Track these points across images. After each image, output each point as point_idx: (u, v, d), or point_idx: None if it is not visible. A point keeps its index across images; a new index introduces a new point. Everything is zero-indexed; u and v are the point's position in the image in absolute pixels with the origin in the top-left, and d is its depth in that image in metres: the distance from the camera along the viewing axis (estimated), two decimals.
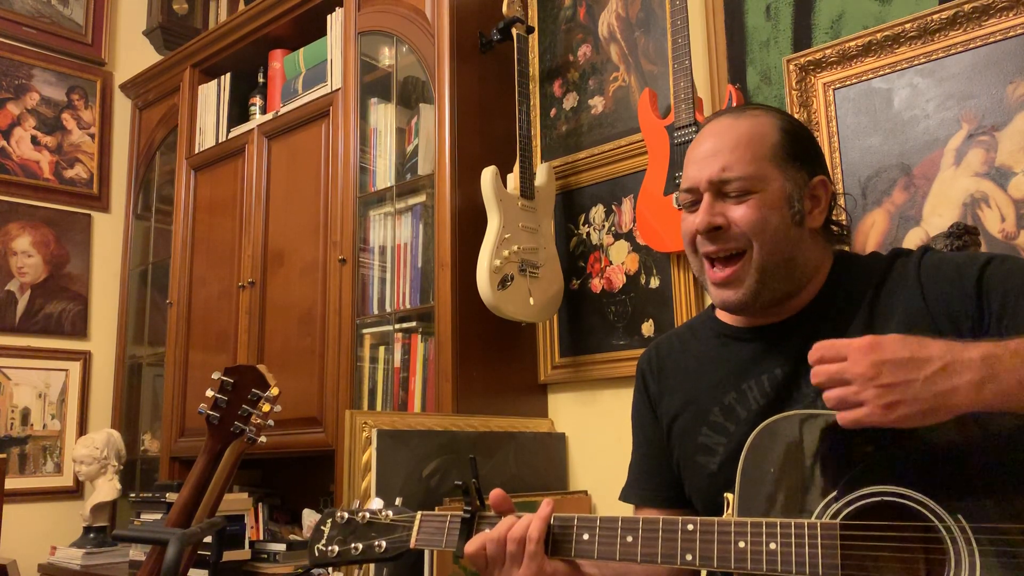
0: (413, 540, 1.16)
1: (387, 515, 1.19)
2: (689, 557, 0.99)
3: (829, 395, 0.91)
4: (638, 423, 1.31)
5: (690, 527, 1.00)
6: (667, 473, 1.25)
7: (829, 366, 0.92)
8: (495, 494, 1.12)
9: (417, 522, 1.17)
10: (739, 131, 1.13)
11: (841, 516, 0.94)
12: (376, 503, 1.21)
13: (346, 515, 1.21)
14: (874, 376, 0.88)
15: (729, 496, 1.04)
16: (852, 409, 0.90)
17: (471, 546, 1.09)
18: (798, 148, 1.14)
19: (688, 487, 1.21)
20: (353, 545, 1.18)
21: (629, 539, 1.03)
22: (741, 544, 0.96)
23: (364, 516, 1.20)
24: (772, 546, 0.94)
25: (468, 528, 1.12)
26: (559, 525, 1.08)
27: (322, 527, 1.21)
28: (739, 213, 1.10)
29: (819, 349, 0.93)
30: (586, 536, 1.06)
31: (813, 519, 0.95)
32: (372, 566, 1.75)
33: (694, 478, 1.19)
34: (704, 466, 1.16)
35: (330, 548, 1.19)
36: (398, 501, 1.22)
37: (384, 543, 1.17)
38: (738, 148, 1.11)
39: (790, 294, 1.14)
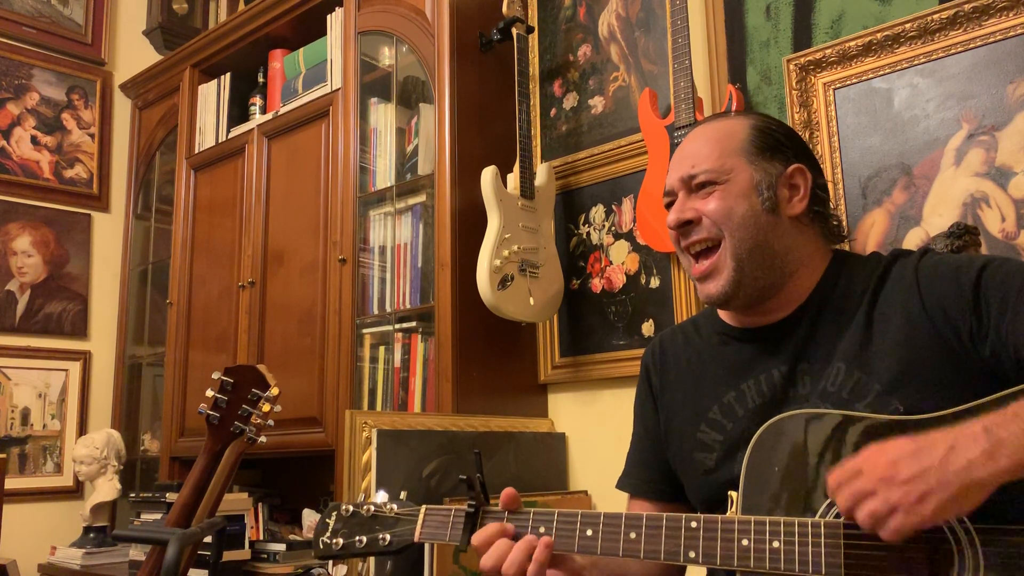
0: (417, 534, 1.16)
1: (391, 508, 1.19)
2: (692, 554, 0.99)
3: (862, 518, 0.86)
4: (639, 414, 1.33)
5: (693, 524, 1.00)
6: (662, 466, 1.26)
7: (849, 487, 0.87)
8: (507, 494, 1.12)
9: (421, 516, 1.17)
10: (709, 132, 1.20)
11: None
12: (381, 496, 1.21)
13: (351, 508, 1.21)
14: (893, 475, 0.85)
15: (733, 494, 1.05)
16: (888, 519, 0.85)
17: (477, 539, 1.10)
18: (770, 141, 1.17)
19: (685, 483, 1.23)
20: (358, 538, 1.18)
21: (633, 535, 1.03)
22: (744, 542, 0.96)
23: (369, 509, 1.20)
24: (775, 544, 0.95)
25: (472, 522, 1.13)
26: (561, 526, 1.08)
27: (327, 520, 1.21)
28: (707, 206, 1.15)
29: (835, 478, 0.89)
30: (589, 532, 1.06)
31: (817, 518, 0.96)
32: (373, 561, 1.76)
33: (691, 474, 1.20)
34: (701, 462, 1.17)
35: (335, 541, 1.19)
36: (403, 495, 1.22)
37: (389, 536, 1.17)
38: (707, 146, 1.18)
39: (775, 285, 1.14)
